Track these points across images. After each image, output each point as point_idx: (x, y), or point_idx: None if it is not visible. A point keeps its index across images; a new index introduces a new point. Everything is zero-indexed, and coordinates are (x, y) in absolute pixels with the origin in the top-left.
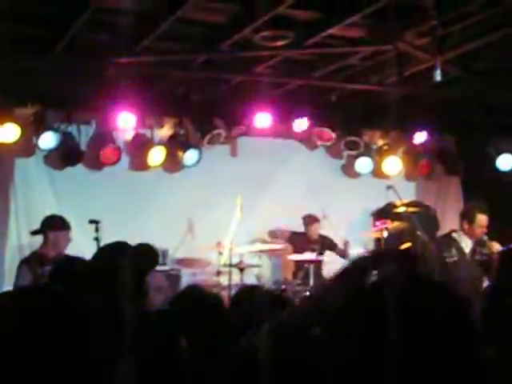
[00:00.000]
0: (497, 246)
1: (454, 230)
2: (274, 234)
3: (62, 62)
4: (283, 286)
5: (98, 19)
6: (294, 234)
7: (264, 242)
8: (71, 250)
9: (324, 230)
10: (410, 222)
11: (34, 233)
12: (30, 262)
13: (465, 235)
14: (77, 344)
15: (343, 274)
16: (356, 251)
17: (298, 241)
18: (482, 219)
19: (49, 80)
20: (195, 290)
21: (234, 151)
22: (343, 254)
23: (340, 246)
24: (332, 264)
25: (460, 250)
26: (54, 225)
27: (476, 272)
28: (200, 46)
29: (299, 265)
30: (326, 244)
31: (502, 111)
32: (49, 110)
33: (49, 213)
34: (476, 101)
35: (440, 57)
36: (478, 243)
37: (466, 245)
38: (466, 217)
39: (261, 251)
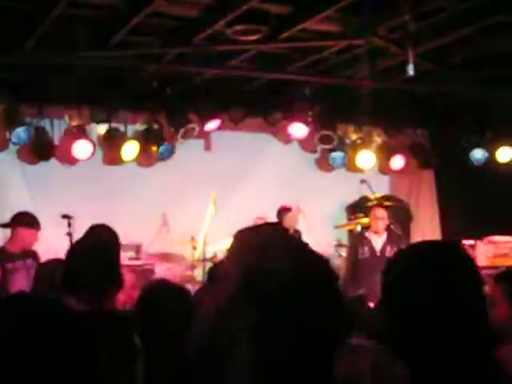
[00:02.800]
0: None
1: (365, 229)
2: None
3: (34, 57)
4: None
5: (70, 13)
6: None
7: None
8: (43, 246)
9: (298, 223)
10: None
11: (3, 226)
12: (4, 258)
13: (372, 232)
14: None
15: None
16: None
17: None
18: (375, 211)
19: (21, 74)
20: (160, 286)
21: (207, 145)
22: None
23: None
24: None
25: (371, 246)
26: (25, 221)
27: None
28: (173, 39)
29: None
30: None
31: (474, 105)
32: (21, 105)
33: (22, 208)
34: (449, 95)
35: (412, 51)
36: (388, 239)
37: (376, 242)
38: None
39: None
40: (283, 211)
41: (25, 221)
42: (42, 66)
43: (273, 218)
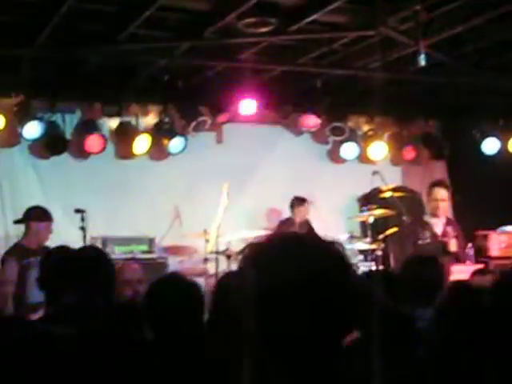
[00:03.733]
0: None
1: (424, 213)
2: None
3: (45, 52)
4: None
5: (81, 7)
6: (281, 222)
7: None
8: (57, 240)
9: (310, 215)
10: (396, 207)
11: (17, 222)
12: (14, 253)
13: (431, 216)
14: None
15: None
16: (342, 237)
17: (284, 226)
18: (436, 192)
19: (33, 69)
20: (171, 279)
21: (219, 138)
22: None
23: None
24: None
25: (432, 231)
26: (36, 215)
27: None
28: (184, 33)
29: None
30: (307, 230)
31: (486, 95)
32: (33, 100)
33: (35, 203)
34: (460, 85)
35: (424, 42)
36: (447, 222)
37: (436, 225)
38: (427, 194)
39: (247, 238)
40: (296, 202)
41: (36, 215)
42: (53, 61)
43: (285, 210)
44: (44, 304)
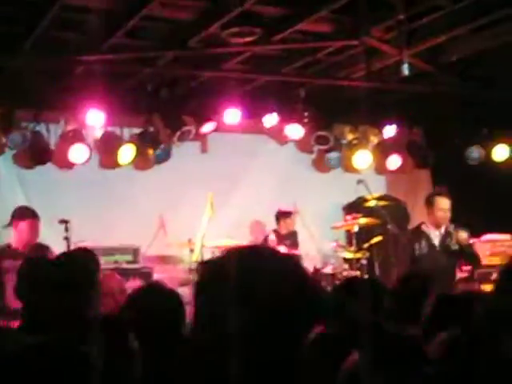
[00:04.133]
0: (464, 235)
1: (422, 223)
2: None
3: (29, 61)
4: None
5: (65, 17)
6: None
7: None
8: None
9: (295, 224)
10: (381, 215)
11: (7, 225)
12: (4, 255)
13: (431, 225)
14: None
15: None
16: (327, 246)
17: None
18: (440, 202)
19: (16, 79)
20: (150, 289)
21: (204, 147)
22: None
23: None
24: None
25: (429, 241)
26: (19, 213)
27: (447, 263)
28: (168, 42)
29: None
30: (292, 240)
31: (470, 104)
32: (17, 109)
33: None
34: (444, 94)
35: (407, 51)
36: (446, 234)
37: (435, 236)
38: (428, 203)
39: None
40: (282, 215)
41: (19, 213)
42: (37, 71)
43: (270, 220)
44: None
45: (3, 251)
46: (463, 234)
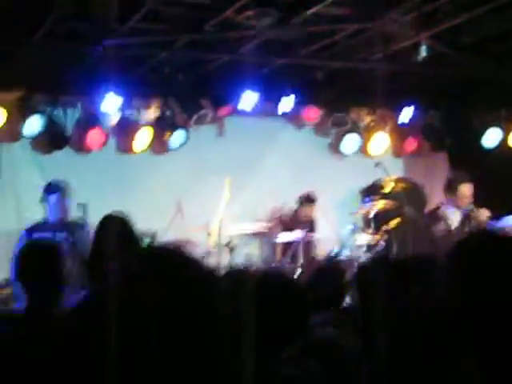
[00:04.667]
0: (486, 213)
1: (440, 205)
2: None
3: (45, 46)
4: (273, 265)
5: (81, 2)
6: (284, 216)
7: (254, 221)
8: None
9: (314, 213)
10: (398, 198)
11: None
12: (31, 228)
13: (452, 207)
14: None
15: None
16: (346, 229)
17: (287, 220)
18: (464, 189)
19: (33, 64)
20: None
21: (221, 131)
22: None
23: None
24: (325, 242)
25: (447, 223)
26: (48, 189)
27: None
28: (184, 26)
29: (288, 243)
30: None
31: (487, 85)
32: (34, 95)
33: (36, 198)
34: (462, 76)
35: (425, 33)
36: (466, 216)
37: (455, 217)
38: (449, 189)
39: (249, 231)
40: (306, 201)
41: (48, 189)
42: (54, 55)
43: (287, 203)
44: None
45: (36, 226)
46: (484, 213)
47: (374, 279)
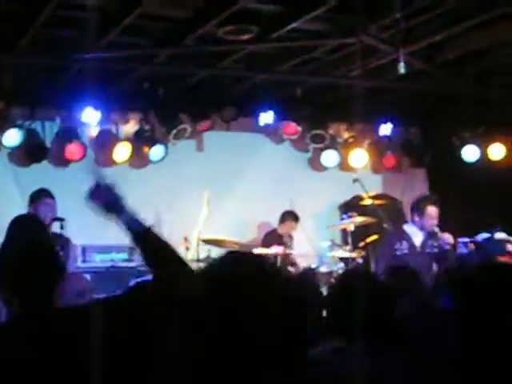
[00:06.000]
0: (450, 237)
1: (405, 223)
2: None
3: (25, 59)
4: None
5: (60, 15)
6: (265, 235)
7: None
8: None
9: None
10: (377, 214)
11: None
12: None
13: (415, 227)
14: None
15: None
16: (323, 245)
17: (266, 236)
18: (432, 211)
19: (12, 77)
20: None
21: (199, 146)
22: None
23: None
24: (303, 257)
25: (411, 242)
26: (32, 198)
27: (427, 264)
28: (164, 40)
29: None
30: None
31: (466, 102)
32: (12, 107)
33: (14, 210)
34: (440, 93)
35: (403, 49)
36: (430, 235)
37: (417, 237)
38: (417, 209)
39: (226, 243)
40: (290, 217)
41: (32, 197)
42: (32, 68)
43: (266, 218)
44: None
45: None
46: (448, 237)
47: (350, 290)
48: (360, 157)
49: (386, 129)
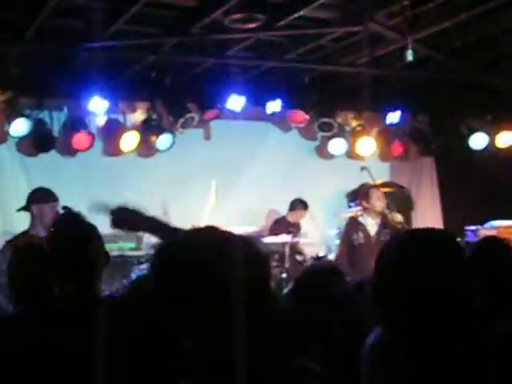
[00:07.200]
0: (399, 217)
1: (359, 214)
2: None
3: (32, 48)
4: None
5: (68, 4)
6: (274, 222)
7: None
8: None
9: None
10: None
11: (21, 209)
12: (15, 242)
13: (368, 216)
14: None
15: None
16: (330, 233)
17: (275, 224)
18: (376, 193)
19: (20, 66)
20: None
21: (207, 135)
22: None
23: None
24: (311, 245)
25: (366, 232)
26: (38, 198)
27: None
28: (171, 29)
29: (274, 247)
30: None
31: (474, 90)
32: (20, 97)
33: (21, 200)
34: (448, 80)
35: (411, 37)
36: (382, 223)
37: (372, 226)
38: (363, 196)
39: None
40: (300, 205)
41: (38, 197)
42: (40, 58)
43: (273, 206)
44: None
45: (22, 240)
46: (397, 217)
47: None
48: (368, 145)
49: (393, 117)
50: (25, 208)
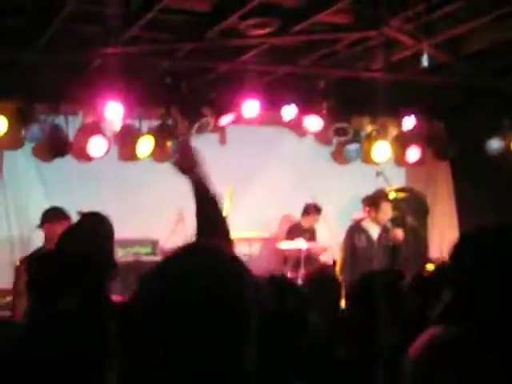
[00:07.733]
0: (400, 233)
1: (362, 220)
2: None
3: (47, 54)
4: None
5: (82, 10)
6: (290, 227)
7: (255, 229)
8: None
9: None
10: (400, 208)
11: (38, 227)
12: (28, 259)
13: (372, 222)
14: None
15: None
16: None
17: (290, 229)
18: (386, 207)
19: (35, 72)
20: None
21: (222, 140)
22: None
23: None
24: (328, 251)
25: (369, 237)
26: (49, 217)
27: (381, 256)
28: (186, 34)
29: (290, 252)
30: (310, 234)
31: (490, 95)
32: (36, 102)
33: (37, 205)
34: (464, 85)
35: (427, 42)
36: (384, 230)
37: (374, 231)
38: (373, 205)
39: (251, 239)
40: (314, 210)
41: (48, 216)
42: (55, 63)
43: (289, 211)
44: None
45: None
46: (398, 233)
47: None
48: (383, 150)
49: (409, 122)
50: (39, 226)
